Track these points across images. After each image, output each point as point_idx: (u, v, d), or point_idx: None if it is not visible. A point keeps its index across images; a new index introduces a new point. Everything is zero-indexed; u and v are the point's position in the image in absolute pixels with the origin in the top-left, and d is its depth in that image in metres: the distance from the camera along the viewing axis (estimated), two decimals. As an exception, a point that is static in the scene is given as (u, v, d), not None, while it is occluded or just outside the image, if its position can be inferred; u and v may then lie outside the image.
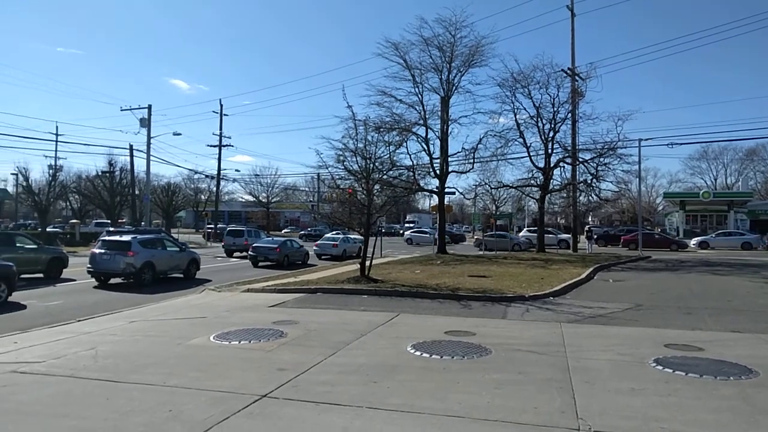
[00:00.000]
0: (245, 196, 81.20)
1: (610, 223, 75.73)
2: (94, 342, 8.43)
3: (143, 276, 17.72)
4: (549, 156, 34.00)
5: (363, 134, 17.87)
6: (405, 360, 7.34)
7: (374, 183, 18.20)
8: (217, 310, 11.86)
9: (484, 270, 20.71)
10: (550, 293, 14.31)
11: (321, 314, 11.23)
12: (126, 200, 51.17)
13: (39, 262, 18.76)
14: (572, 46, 35.59)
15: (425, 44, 31.81)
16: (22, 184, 47.17)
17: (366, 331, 9.21)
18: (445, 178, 33.45)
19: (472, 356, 7.50)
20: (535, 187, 35.55)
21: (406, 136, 29.99)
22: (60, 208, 71.65)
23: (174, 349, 7.98)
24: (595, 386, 6.19)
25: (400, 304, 12.60)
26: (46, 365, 6.98)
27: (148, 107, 43.82)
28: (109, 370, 6.70)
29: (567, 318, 10.96)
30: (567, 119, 33.75)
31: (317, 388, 5.96)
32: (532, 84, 32.94)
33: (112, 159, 52.59)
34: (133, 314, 11.60)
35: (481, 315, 11.27)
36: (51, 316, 11.80)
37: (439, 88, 33.01)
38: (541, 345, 8.27)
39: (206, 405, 5.38)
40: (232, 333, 8.96)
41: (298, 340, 8.51)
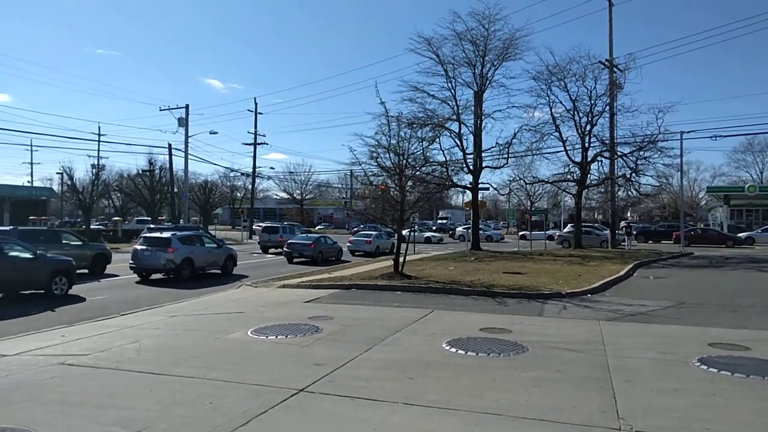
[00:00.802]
0: (280, 193, 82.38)
1: (650, 219, 73.71)
2: (137, 336, 8.69)
3: (182, 272, 18.17)
4: (586, 150, 33.29)
5: (396, 130, 17.89)
6: (440, 357, 7.31)
7: (407, 179, 18.18)
8: (254, 305, 12.05)
9: (519, 267, 20.44)
10: (588, 290, 14.03)
11: (355, 310, 11.29)
12: (165, 198, 52.56)
13: (84, 258, 19.39)
14: (610, 36, 34.70)
15: (458, 38, 31.57)
16: (67, 183, 49.01)
17: (400, 328, 9.22)
18: (479, 174, 33.14)
19: (508, 354, 7.42)
20: (571, 182, 34.86)
21: (439, 131, 29.85)
22: (103, 206, 74.07)
23: (213, 343, 8.16)
24: (637, 385, 6.05)
25: (434, 301, 12.57)
26: (92, 358, 7.23)
27: (186, 107, 44.81)
28: (151, 363, 6.90)
29: (606, 316, 10.73)
30: (605, 112, 32.97)
31: (353, 383, 6.00)
32: (568, 77, 32.26)
33: (151, 158, 54.18)
34: (173, 309, 11.91)
35: (517, 312, 11.14)
36: (95, 310, 12.23)
37: (472, 83, 32.71)
38: (579, 343, 8.12)
39: (245, 398, 5.48)
40: (269, 328, 9.10)
41: (333, 336, 8.58)
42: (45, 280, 13.81)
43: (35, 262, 13.74)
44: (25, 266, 13.52)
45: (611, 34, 34.75)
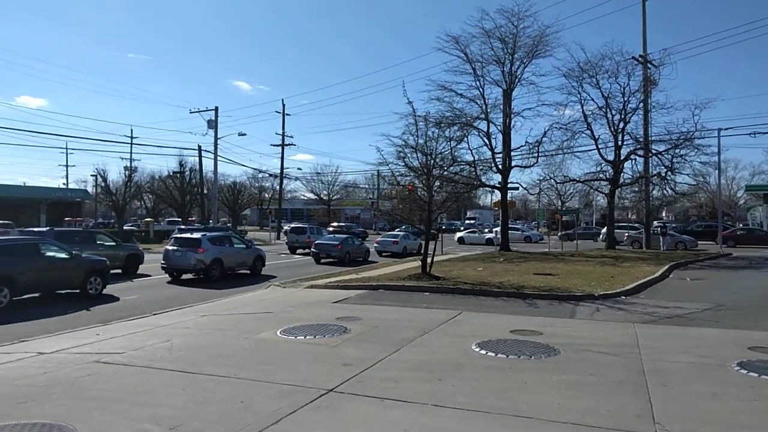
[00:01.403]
0: (307, 194, 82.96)
1: (686, 219, 71.78)
2: (169, 335, 8.84)
3: (212, 272, 18.44)
4: (619, 148, 32.57)
5: (423, 130, 17.81)
6: (470, 358, 7.23)
7: (435, 179, 18.08)
8: (283, 305, 12.14)
9: (550, 268, 20.13)
10: (622, 292, 13.72)
11: (383, 311, 11.27)
12: (195, 199, 53.45)
13: (118, 259, 19.82)
14: (644, 31, 33.94)
15: (486, 36, 31.26)
16: (101, 184, 50.28)
17: (429, 329, 9.16)
18: (508, 173, 32.76)
19: (539, 356, 7.29)
20: (604, 181, 34.14)
21: (468, 130, 29.59)
22: (135, 207, 75.73)
23: (243, 343, 8.24)
24: (673, 390, 5.88)
25: (462, 302, 12.46)
26: (126, 356, 7.38)
27: (215, 109, 45.49)
28: (183, 362, 7.00)
29: (641, 318, 10.47)
30: (639, 109, 32.16)
31: (382, 384, 5.97)
32: (600, 73, 31.59)
33: (182, 160, 55.15)
34: (203, 308, 12.08)
35: (548, 314, 10.95)
36: (129, 309, 12.50)
37: (501, 81, 32.36)
38: (613, 346, 7.93)
39: (275, 397, 5.51)
40: (297, 328, 9.15)
41: (361, 336, 8.58)
42: (80, 280, 14.18)
43: (71, 262, 14.11)
44: (61, 266, 13.90)
45: (645, 29, 34.01)
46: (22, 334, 9.50)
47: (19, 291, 12.63)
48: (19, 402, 5.40)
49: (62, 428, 4.62)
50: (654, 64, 32.13)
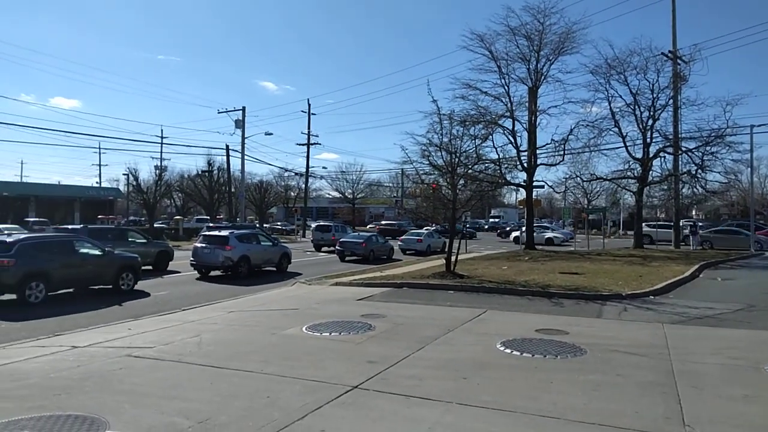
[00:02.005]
0: (332, 193, 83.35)
1: (717, 218, 69.97)
2: (198, 330, 9.01)
3: (240, 269, 18.71)
4: (648, 146, 31.91)
5: (448, 128, 17.76)
6: (494, 357, 7.20)
7: (459, 177, 18.00)
8: (308, 302, 12.26)
9: (576, 267, 19.86)
10: (650, 292, 13.46)
11: (407, 308, 11.29)
12: (223, 197, 54.23)
13: (148, 255, 20.23)
14: (673, 26, 33.18)
15: (512, 34, 30.94)
16: (133, 183, 51.41)
17: (453, 327, 9.15)
18: (533, 172, 32.40)
19: (565, 356, 7.22)
20: (632, 179, 33.50)
21: (492, 128, 29.30)
22: (165, 206, 77.14)
23: (269, 339, 8.35)
24: (704, 392, 5.76)
25: (487, 301, 12.40)
26: (156, 350, 7.56)
27: (242, 109, 46.12)
28: (211, 357, 7.14)
29: (670, 318, 10.26)
30: (668, 106, 31.46)
31: (406, 382, 5.99)
32: (628, 70, 30.99)
33: (210, 159, 56.04)
34: (231, 305, 12.28)
35: (574, 313, 10.82)
36: (159, 305, 12.77)
37: (526, 79, 32.01)
38: (641, 346, 7.80)
39: (301, 393, 5.58)
40: (323, 325, 9.23)
41: (386, 334, 8.61)
42: (113, 276, 14.56)
43: (104, 259, 14.49)
44: (94, 263, 14.28)
45: (674, 24, 33.24)
46: (57, 328, 9.82)
47: (54, 286, 13.03)
48: (53, 394, 5.59)
49: (95, 420, 4.76)
50: (684, 60, 31.41)
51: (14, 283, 12.22)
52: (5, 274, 12.13)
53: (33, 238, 13.99)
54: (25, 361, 7.06)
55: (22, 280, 12.24)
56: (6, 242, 12.84)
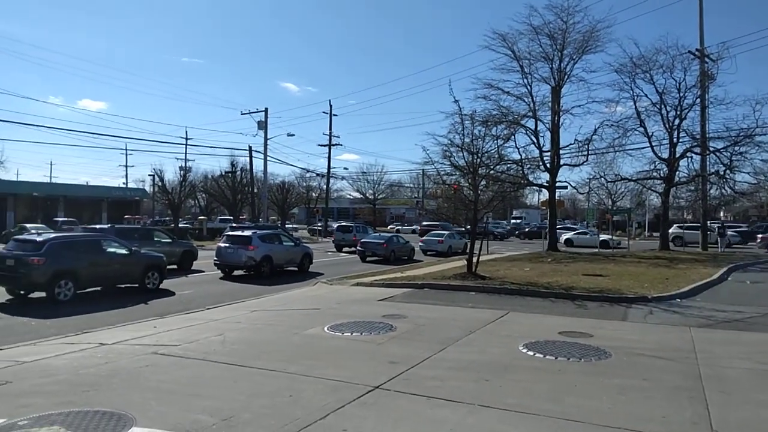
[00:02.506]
0: (353, 193, 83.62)
1: (745, 219, 68.30)
2: (222, 329, 9.12)
3: (262, 268, 18.89)
4: (674, 146, 31.36)
5: (469, 129, 17.65)
6: (517, 359, 7.15)
7: (481, 178, 17.89)
8: (330, 302, 12.32)
9: (600, 269, 19.59)
10: (677, 295, 13.21)
11: (429, 309, 11.26)
12: (246, 198, 54.78)
13: (173, 255, 20.55)
14: (701, 24, 32.48)
15: (535, 33, 30.72)
16: (158, 184, 52.11)
17: (475, 329, 9.10)
18: (556, 172, 32.08)
19: (589, 359, 7.13)
20: (658, 180, 32.93)
21: (515, 129, 29.12)
22: (189, 206, 78.19)
23: (292, 338, 8.42)
24: (732, 397, 5.64)
25: (509, 302, 12.30)
26: (181, 348, 7.67)
27: (265, 110, 46.58)
28: (235, 356, 7.22)
29: (697, 322, 10.05)
30: (695, 105, 30.87)
31: (428, 383, 5.98)
32: (654, 68, 30.53)
33: (233, 160, 56.65)
34: (254, 304, 12.41)
35: (599, 316, 10.67)
36: (184, 303, 12.97)
37: (549, 78, 31.73)
38: (667, 350, 7.67)
39: (323, 392, 5.61)
40: (344, 325, 9.26)
41: (407, 335, 8.60)
42: (139, 275, 14.82)
43: (131, 258, 14.76)
44: (121, 261, 14.56)
45: (702, 21, 32.53)
46: (85, 325, 10.03)
47: (82, 284, 13.32)
48: (82, 390, 5.71)
49: (122, 416, 4.85)
50: (712, 58, 30.75)
51: (44, 282, 12.52)
52: (36, 273, 12.44)
53: (62, 238, 14.31)
54: (55, 358, 7.22)
55: (51, 279, 12.53)
56: (36, 241, 13.18)
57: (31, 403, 5.22)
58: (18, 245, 13.41)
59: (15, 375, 6.31)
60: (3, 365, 6.80)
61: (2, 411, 4.99)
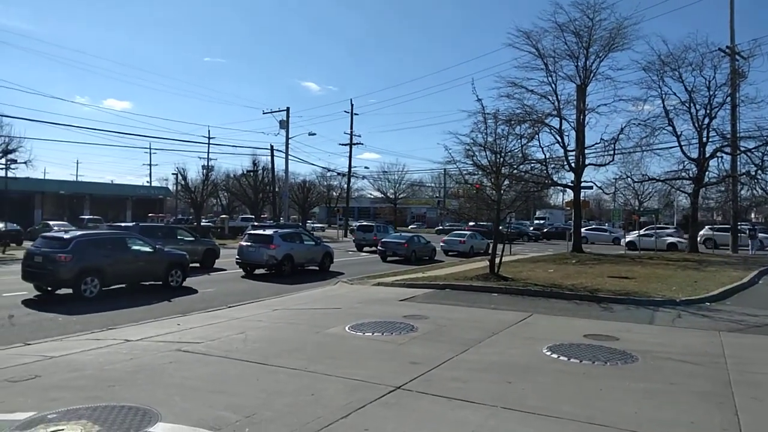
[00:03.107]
0: (374, 192, 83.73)
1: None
2: (244, 327, 9.19)
3: (283, 267, 19.01)
4: (704, 145, 30.67)
5: (492, 128, 17.48)
6: (540, 362, 7.04)
7: (504, 178, 17.73)
8: (351, 301, 12.32)
9: (627, 271, 19.26)
10: (706, 298, 12.90)
11: (450, 310, 11.19)
12: (267, 197, 55.25)
13: (196, 253, 20.81)
14: (731, 21, 31.69)
15: (560, 30, 30.35)
16: (181, 183, 53.03)
17: (497, 330, 9.00)
18: (581, 172, 31.64)
19: (615, 362, 6.99)
20: (686, 180, 32.25)
21: (539, 128, 28.75)
22: (211, 204, 79.18)
23: (313, 337, 8.43)
24: (764, 403, 5.49)
25: (532, 304, 12.15)
26: (204, 346, 7.74)
27: (287, 110, 46.93)
28: (257, 353, 7.26)
29: (727, 326, 9.80)
30: (725, 104, 30.12)
31: (450, 384, 5.93)
32: (683, 66, 29.87)
33: (255, 159, 57.10)
34: (275, 303, 12.48)
35: (625, 319, 10.47)
36: (206, 301, 13.11)
37: (574, 76, 31.30)
38: (696, 355, 7.48)
39: (344, 392, 5.60)
40: (365, 324, 9.25)
41: (428, 335, 8.55)
42: (163, 273, 15.03)
43: (155, 256, 14.98)
44: (145, 259, 14.79)
45: (732, 18, 31.74)
46: (110, 322, 10.21)
47: (107, 281, 13.55)
48: (108, 385, 5.79)
49: (147, 412, 4.91)
50: (742, 56, 30.00)
51: (71, 278, 12.77)
52: (63, 269, 12.70)
53: (89, 235, 14.57)
54: (81, 353, 7.35)
55: (78, 275, 12.78)
56: (63, 239, 13.46)
57: (60, 397, 5.31)
58: (46, 242, 13.70)
59: (44, 369, 6.44)
60: (32, 360, 6.95)
61: (32, 404, 5.10)
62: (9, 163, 30.58)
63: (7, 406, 5.05)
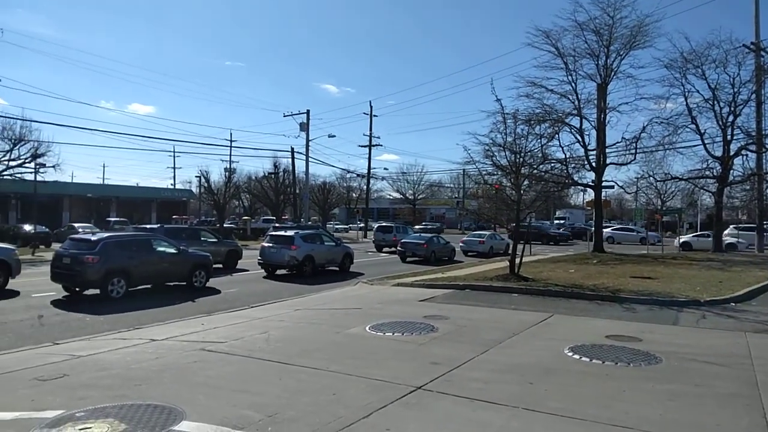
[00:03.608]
0: (393, 193, 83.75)
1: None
2: (266, 327, 9.30)
3: (304, 268, 19.16)
4: (728, 143, 30.07)
5: (512, 128, 17.39)
6: (562, 363, 7.00)
7: (524, 178, 17.61)
8: (371, 302, 12.37)
9: (650, 271, 18.98)
10: (732, 299, 12.65)
11: (470, 311, 11.16)
12: (288, 198, 55.68)
13: (219, 254, 21.03)
14: (756, 16, 31.03)
15: (579, 29, 30.04)
16: (204, 185, 53.68)
17: (518, 331, 8.97)
18: (602, 171, 31.27)
19: (638, 364, 6.92)
20: (710, 179, 31.65)
21: (559, 127, 28.50)
22: (234, 206, 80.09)
23: (334, 337, 8.50)
24: (794, 407, 5.36)
25: (553, 305, 12.06)
26: (227, 345, 7.86)
27: (307, 112, 47.20)
28: (279, 353, 7.35)
29: (753, 327, 9.61)
30: (750, 101, 29.52)
31: (471, 385, 5.93)
32: (706, 63, 29.35)
33: (276, 161, 57.68)
34: (296, 303, 12.59)
35: (648, 320, 10.34)
36: (229, 302, 13.28)
37: (595, 75, 30.95)
38: (721, 356, 7.36)
39: (365, 392, 5.65)
40: (385, 325, 9.29)
41: (449, 336, 8.56)
42: (187, 273, 15.27)
43: (179, 257, 15.22)
44: (171, 260, 15.03)
45: (758, 14, 31.08)
46: (136, 322, 10.41)
47: (133, 282, 13.82)
48: (134, 384, 5.92)
49: (173, 410, 5.01)
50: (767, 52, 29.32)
51: (98, 279, 13.05)
52: (90, 270, 12.99)
53: (115, 237, 14.88)
54: (108, 353, 7.52)
55: (105, 276, 13.06)
56: (91, 240, 13.75)
57: (88, 396, 5.45)
58: (74, 244, 14.02)
59: (72, 369, 6.61)
60: (61, 359, 7.13)
61: (61, 403, 5.24)
62: (38, 167, 31.38)
63: (37, 404, 5.20)
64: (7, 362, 6.99)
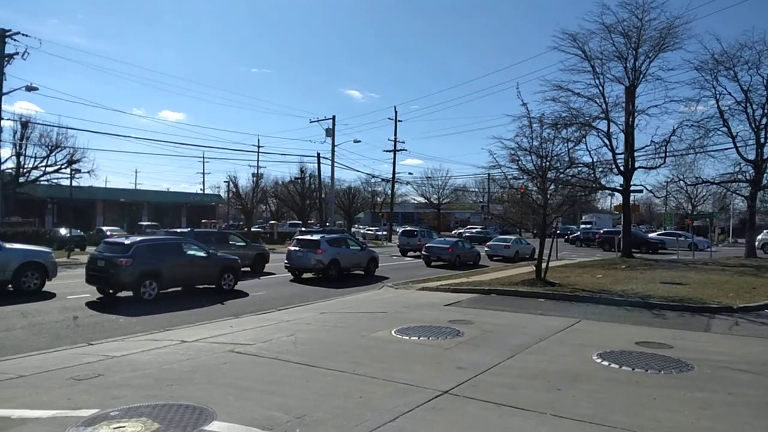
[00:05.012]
0: (417, 198, 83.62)
1: None
2: (293, 329, 9.42)
3: (330, 271, 19.30)
4: (762, 146, 29.25)
5: (538, 132, 17.25)
6: (590, 369, 6.93)
7: (550, 182, 17.45)
8: (396, 306, 12.41)
9: (680, 276, 18.58)
10: (765, 305, 12.32)
11: (496, 315, 11.11)
12: (314, 203, 56.11)
13: (247, 258, 21.25)
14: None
15: (607, 31, 29.59)
16: (232, 190, 54.39)
17: (545, 336, 8.89)
18: (631, 175, 30.70)
19: (669, 371, 6.80)
20: (743, 182, 30.83)
21: (586, 131, 28.07)
22: (261, 211, 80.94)
23: (360, 341, 8.56)
24: (833, 418, 5.21)
25: (581, 310, 11.92)
26: (255, 347, 7.99)
27: (332, 118, 47.50)
28: (306, 356, 7.44)
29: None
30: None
31: (497, 390, 5.91)
32: (738, 65, 28.65)
33: (302, 166, 58.17)
34: (323, 306, 12.70)
35: (678, 326, 10.13)
36: (257, 304, 13.47)
37: (623, 78, 30.44)
38: (755, 364, 7.19)
39: (392, 395, 5.68)
40: (411, 328, 9.31)
41: (474, 340, 8.54)
42: (216, 277, 15.54)
43: (208, 260, 15.50)
44: (200, 264, 15.32)
45: (795, 12, 30.19)
46: (167, 323, 10.65)
47: (165, 285, 14.13)
48: (166, 384, 6.07)
49: (203, 410, 5.12)
50: (804, 51, 28.47)
51: (131, 281, 13.39)
52: (124, 273, 13.33)
53: (147, 241, 15.21)
54: (141, 353, 7.72)
55: (137, 279, 13.38)
56: (124, 244, 14.12)
57: (121, 395, 5.61)
58: (107, 247, 14.40)
59: (106, 369, 6.80)
60: (95, 359, 7.35)
61: (95, 402, 5.40)
62: (73, 173, 32.37)
63: (72, 403, 5.36)
64: (45, 362, 7.23)
